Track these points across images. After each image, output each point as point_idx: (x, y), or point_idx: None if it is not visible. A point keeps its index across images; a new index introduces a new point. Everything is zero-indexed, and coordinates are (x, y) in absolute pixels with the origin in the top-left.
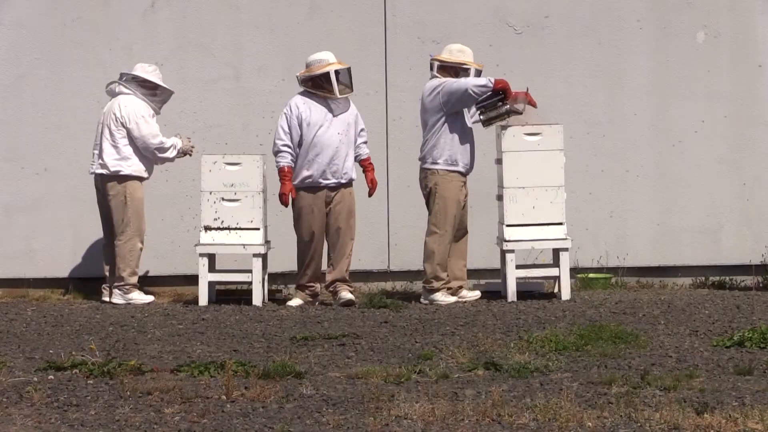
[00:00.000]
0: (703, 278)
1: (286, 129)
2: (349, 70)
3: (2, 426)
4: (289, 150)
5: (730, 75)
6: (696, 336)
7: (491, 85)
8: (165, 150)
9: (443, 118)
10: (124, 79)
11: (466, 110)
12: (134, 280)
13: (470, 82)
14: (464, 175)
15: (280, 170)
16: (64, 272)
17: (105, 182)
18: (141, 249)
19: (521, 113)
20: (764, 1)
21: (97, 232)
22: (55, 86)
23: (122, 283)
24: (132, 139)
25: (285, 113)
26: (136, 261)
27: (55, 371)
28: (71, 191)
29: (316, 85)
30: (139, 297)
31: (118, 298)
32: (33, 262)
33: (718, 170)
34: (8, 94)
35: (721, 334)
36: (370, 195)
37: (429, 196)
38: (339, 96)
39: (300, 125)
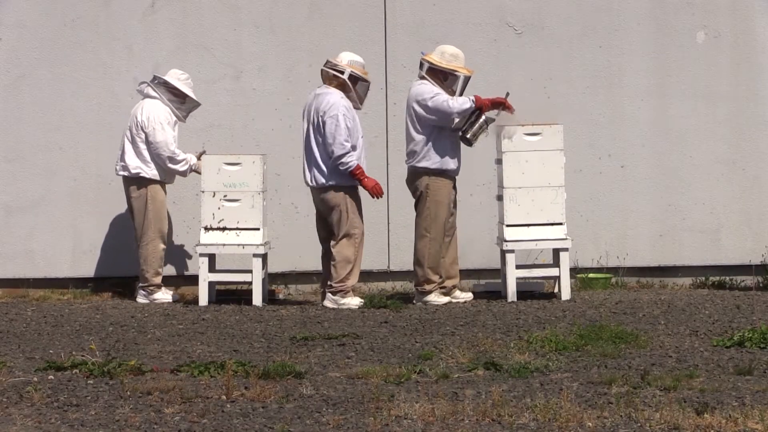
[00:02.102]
0: (703, 278)
1: (348, 130)
2: None
3: (2, 426)
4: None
5: (730, 75)
6: (696, 336)
7: (474, 106)
8: (176, 162)
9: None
10: (155, 81)
11: None
12: (158, 280)
13: (455, 106)
14: (454, 177)
15: (356, 169)
16: (64, 272)
17: (128, 185)
18: (164, 250)
19: (495, 119)
20: (764, 1)
21: (96, 232)
22: (55, 86)
23: (146, 284)
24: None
25: (344, 114)
26: (159, 262)
27: (55, 371)
28: (71, 191)
29: (349, 87)
30: (162, 297)
31: (142, 298)
32: (33, 262)
33: (718, 170)
34: (8, 94)
35: (721, 334)
36: None
37: (420, 198)
38: (360, 107)
39: (350, 127)
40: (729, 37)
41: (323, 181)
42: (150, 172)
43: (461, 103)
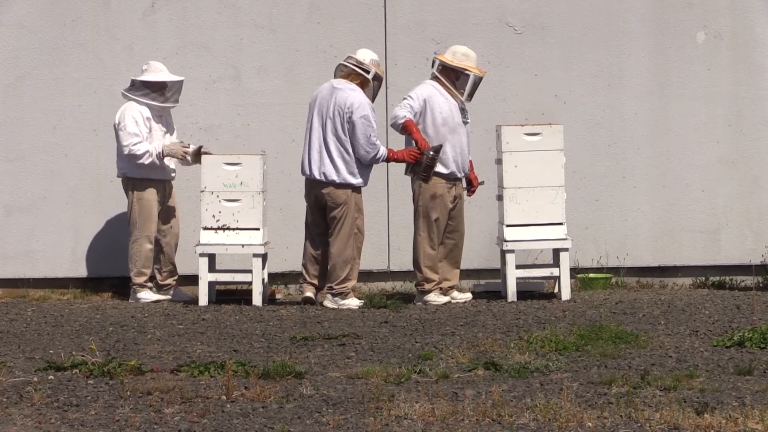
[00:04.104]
0: (703, 278)
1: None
2: None
3: (2, 426)
4: None
5: (730, 75)
6: (696, 336)
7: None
8: (138, 157)
9: (420, 122)
10: (129, 85)
11: (455, 114)
12: (140, 280)
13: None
14: (450, 178)
15: (389, 154)
16: (64, 272)
17: (123, 186)
18: (150, 249)
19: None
20: (764, 1)
21: (96, 232)
22: (55, 86)
23: (131, 283)
24: None
25: (372, 113)
26: (142, 261)
27: (55, 371)
28: (71, 191)
29: (369, 86)
30: (144, 296)
31: (131, 299)
32: (33, 262)
33: (718, 170)
34: (8, 94)
35: (721, 334)
36: None
37: (413, 197)
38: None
39: None
40: (729, 37)
41: (335, 178)
42: (134, 172)
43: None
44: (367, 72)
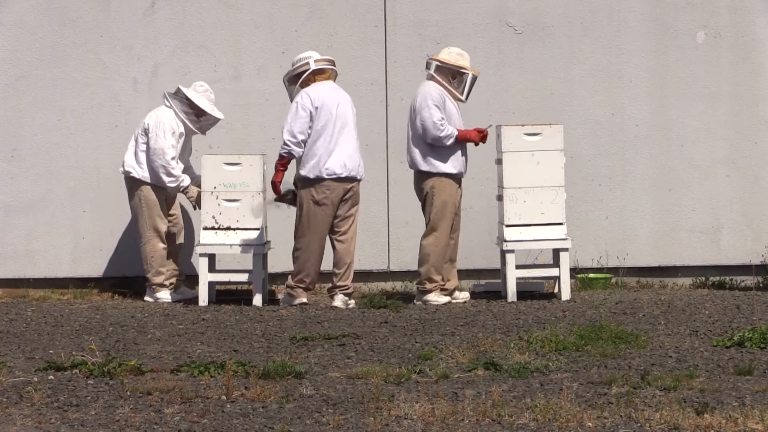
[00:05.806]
0: (703, 278)
1: None
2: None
3: (2, 426)
4: None
5: (730, 75)
6: (696, 336)
7: (454, 140)
8: (169, 174)
9: None
10: (173, 93)
11: (457, 114)
12: (159, 279)
13: (441, 132)
14: (458, 178)
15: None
16: (64, 272)
17: (125, 183)
18: (164, 248)
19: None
20: (764, 1)
21: (96, 232)
22: (55, 86)
23: (148, 283)
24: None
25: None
26: (158, 261)
27: (55, 371)
28: (71, 191)
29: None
30: (163, 296)
31: (148, 297)
32: (33, 262)
33: (718, 170)
34: (8, 94)
35: (721, 334)
36: None
37: (425, 199)
38: None
39: None
40: (729, 37)
41: (362, 173)
42: (140, 173)
43: (446, 133)
44: (335, 66)
